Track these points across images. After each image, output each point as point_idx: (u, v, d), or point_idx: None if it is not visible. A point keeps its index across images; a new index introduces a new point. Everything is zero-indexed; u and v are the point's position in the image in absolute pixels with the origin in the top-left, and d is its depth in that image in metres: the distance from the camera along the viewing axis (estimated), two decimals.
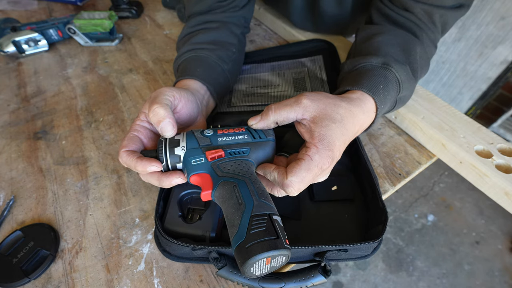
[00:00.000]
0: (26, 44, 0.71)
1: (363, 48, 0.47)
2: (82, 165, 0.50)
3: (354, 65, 0.45)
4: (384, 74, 0.41)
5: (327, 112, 0.34)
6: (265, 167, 0.35)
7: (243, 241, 0.26)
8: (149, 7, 0.92)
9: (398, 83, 0.42)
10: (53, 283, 0.37)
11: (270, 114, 0.36)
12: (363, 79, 0.40)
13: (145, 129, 0.37)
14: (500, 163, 0.43)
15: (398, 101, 0.45)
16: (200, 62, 0.48)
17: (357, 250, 0.35)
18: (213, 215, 0.37)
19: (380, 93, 0.39)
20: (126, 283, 0.37)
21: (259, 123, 0.36)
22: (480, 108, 1.62)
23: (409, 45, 0.45)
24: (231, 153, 0.34)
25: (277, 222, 0.28)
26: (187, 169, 0.33)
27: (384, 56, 0.43)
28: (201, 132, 0.36)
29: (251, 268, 0.26)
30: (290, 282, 0.34)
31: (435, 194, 1.59)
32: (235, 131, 0.36)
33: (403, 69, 0.42)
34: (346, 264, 1.35)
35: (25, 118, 0.58)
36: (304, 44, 0.68)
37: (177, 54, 0.52)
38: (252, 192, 0.30)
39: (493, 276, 1.30)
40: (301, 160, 0.32)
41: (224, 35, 0.53)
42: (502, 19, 1.28)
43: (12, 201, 0.45)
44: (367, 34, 0.49)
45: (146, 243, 0.41)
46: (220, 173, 0.32)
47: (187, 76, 0.45)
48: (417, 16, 0.46)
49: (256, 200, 0.29)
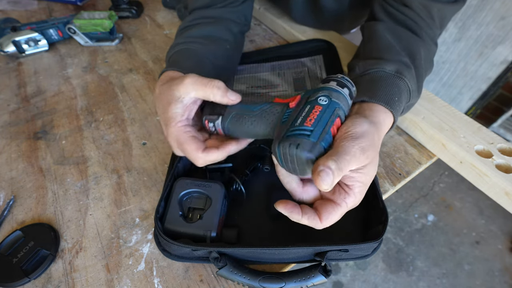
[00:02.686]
0: (26, 44, 0.71)
1: (372, 49, 0.46)
2: (82, 165, 0.50)
3: (366, 68, 0.44)
4: (397, 83, 0.40)
5: (373, 161, 0.32)
6: (292, 211, 0.32)
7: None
8: (149, 7, 0.92)
9: (409, 92, 0.42)
10: (53, 283, 0.37)
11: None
12: (378, 90, 0.39)
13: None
14: (500, 163, 0.43)
15: (405, 109, 0.44)
16: (190, 55, 0.47)
17: (357, 250, 0.35)
18: (214, 214, 0.37)
19: (396, 106, 0.39)
20: (126, 283, 0.37)
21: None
22: (480, 108, 1.62)
23: (414, 48, 0.45)
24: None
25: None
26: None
27: (396, 61, 0.42)
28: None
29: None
30: (291, 282, 0.34)
31: (435, 194, 1.59)
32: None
33: (412, 77, 0.42)
34: (346, 264, 1.35)
35: (25, 118, 0.58)
36: (304, 44, 0.68)
37: (170, 46, 0.51)
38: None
39: (493, 276, 1.30)
40: (338, 206, 0.32)
41: (218, 30, 0.53)
42: (502, 19, 1.29)
43: (12, 201, 0.45)
44: (373, 32, 0.49)
45: (146, 243, 0.41)
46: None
47: (175, 68, 0.43)
48: (415, 12, 0.47)
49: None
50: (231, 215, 0.42)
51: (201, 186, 0.39)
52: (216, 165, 0.45)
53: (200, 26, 0.52)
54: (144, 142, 0.53)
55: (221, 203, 0.38)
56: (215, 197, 0.39)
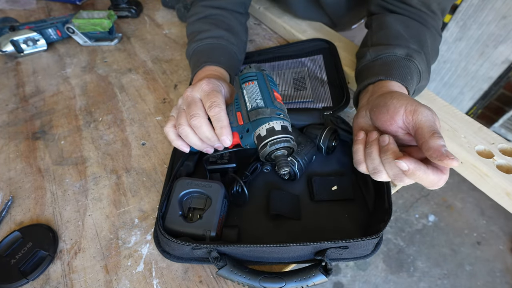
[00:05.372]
0: (24, 43, 0.71)
1: (382, 37, 0.48)
2: (81, 165, 0.50)
3: (378, 54, 0.46)
4: (408, 65, 0.43)
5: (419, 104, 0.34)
6: (416, 165, 0.31)
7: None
8: (149, 7, 0.92)
9: (419, 73, 0.44)
10: (52, 284, 0.37)
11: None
12: (392, 69, 0.42)
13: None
14: (501, 163, 0.43)
15: (416, 90, 0.47)
16: (222, 51, 0.52)
17: (357, 248, 0.35)
18: (214, 214, 0.37)
19: (409, 83, 0.42)
20: (125, 284, 0.37)
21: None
22: (481, 108, 1.62)
23: (421, 36, 0.47)
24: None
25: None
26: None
27: (406, 47, 0.45)
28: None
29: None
30: (291, 282, 0.34)
31: (436, 194, 1.59)
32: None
33: (422, 60, 0.44)
34: (347, 264, 1.34)
35: (24, 118, 0.58)
36: (304, 44, 0.67)
37: (195, 37, 0.54)
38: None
39: (494, 277, 1.30)
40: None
41: (235, 25, 0.58)
42: (504, 18, 1.28)
43: (10, 202, 0.45)
44: (382, 22, 0.50)
45: (145, 244, 0.40)
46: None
47: (215, 63, 0.48)
48: (415, 7, 0.48)
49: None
50: (231, 215, 0.42)
51: (201, 186, 0.39)
52: (220, 166, 0.44)
53: (218, 22, 0.56)
54: (143, 142, 0.53)
55: (221, 203, 0.38)
56: (215, 197, 0.38)
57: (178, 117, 0.40)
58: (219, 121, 0.37)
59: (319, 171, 0.47)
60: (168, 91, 0.63)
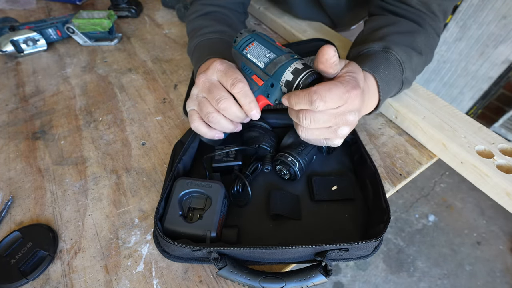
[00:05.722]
0: (24, 43, 0.71)
1: (368, 37, 0.49)
2: (81, 165, 0.50)
3: (358, 51, 0.48)
4: (386, 56, 0.44)
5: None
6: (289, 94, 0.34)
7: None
8: (149, 7, 0.92)
9: (400, 63, 0.44)
10: (52, 284, 0.37)
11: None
12: (365, 61, 0.43)
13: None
14: (501, 163, 0.43)
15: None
16: (226, 45, 0.51)
17: (357, 250, 0.35)
18: (214, 214, 0.37)
19: (380, 72, 0.42)
20: (125, 284, 0.37)
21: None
22: (481, 108, 1.62)
23: (413, 33, 0.48)
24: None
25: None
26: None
27: (382, 40, 0.46)
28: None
29: None
30: (291, 282, 0.34)
31: (436, 194, 1.59)
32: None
33: (403, 51, 0.45)
34: (347, 264, 1.34)
35: (24, 118, 0.58)
36: (304, 44, 0.67)
37: (197, 33, 0.54)
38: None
39: (494, 277, 1.30)
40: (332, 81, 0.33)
41: (237, 23, 0.59)
42: (504, 18, 1.28)
43: (10, 202, 0.45)
44: (375, 25, 0.51)
45: (145, 244, 0.40)
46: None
47: (219, 56, 0.46)
48: (415, 8, 0.48)
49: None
50: (231, 215, 0.42)
51: (201, 186, 0.39)
52: (226, 164, 0.44)
53: (220, 20, 0.56)
54: (143, 142, 0.53)
55: (221, 203, 0.38)
56: (215, 197, 0.38)
57: (201, 106, 0.39)
58: (246, 96, 0.37)
59: (319, 171, 0.47)
60: (168, 91, 0.63)
